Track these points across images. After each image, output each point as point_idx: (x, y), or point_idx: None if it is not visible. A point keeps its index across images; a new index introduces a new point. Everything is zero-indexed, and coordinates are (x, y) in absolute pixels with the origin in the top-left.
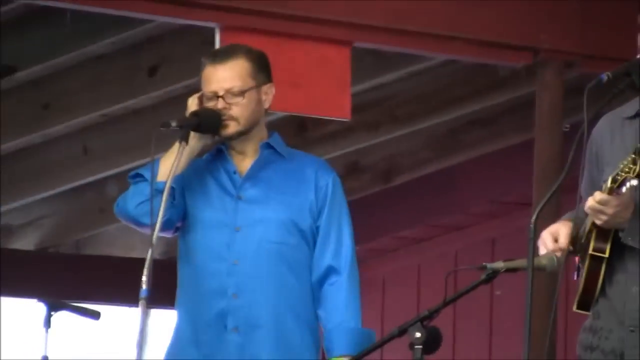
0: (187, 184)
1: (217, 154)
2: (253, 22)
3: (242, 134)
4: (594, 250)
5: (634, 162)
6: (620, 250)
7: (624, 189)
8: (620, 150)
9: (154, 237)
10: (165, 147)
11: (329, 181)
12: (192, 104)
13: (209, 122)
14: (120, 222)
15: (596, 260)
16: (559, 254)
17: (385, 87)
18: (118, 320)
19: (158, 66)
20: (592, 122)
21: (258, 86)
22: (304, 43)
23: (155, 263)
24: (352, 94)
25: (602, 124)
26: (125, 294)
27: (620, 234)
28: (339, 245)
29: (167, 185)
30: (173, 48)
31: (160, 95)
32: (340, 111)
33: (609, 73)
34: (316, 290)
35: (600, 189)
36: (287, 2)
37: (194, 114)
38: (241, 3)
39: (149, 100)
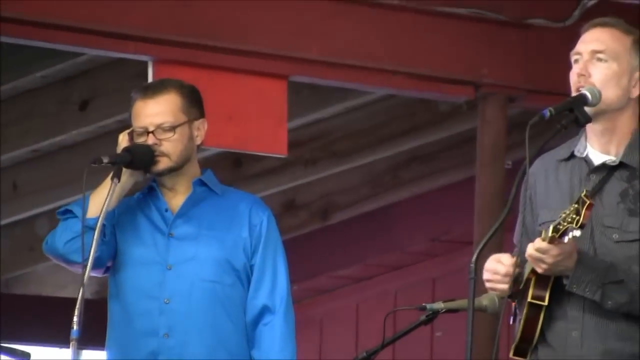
0: (117, 221)
1: (149, 191)
2: (187, 56)
3: (174, 170)
4: (533, 298)
5: (577, 212)
6: (559, 296)
7: (566, 239)
8: (555, 193)
9: (86, 275)
10: (97, 183)
11: (264, 219)
12: (123, 140)
13: (141, 158)
14: (51, 260)
15: (535, 308)
16: (501, 287)
17: (322, 122)
18: None
19: (89, 100)
20: (535, 159)
21: (190, 121)
22: (239, 77)
23: (86, 303)
24: (289, 129)
25: (536, 166)
26: (55, 335)
27: (565, 282)
28: (273, 285)
29: (99, 222)
30: (105, 82)
31: (91, 130)
32: (277, 147)
33: (551, 109)
34: (250, 331)
35: (534, 234)
36: (221, 35)
37: (126, 149)
38: (174, 36)
39: (80, 135)
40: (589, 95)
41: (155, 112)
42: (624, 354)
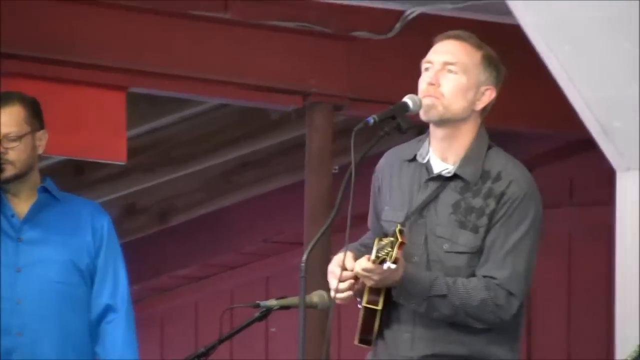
0: None
1: None
2: (31, 69)
3: (19, 177)
4: (367, 302)
5: (392, 246)
6: (394, 301)
7: (385, 267)
8: (397, 194)
9: None
10: None
11: (104, 223)
12: None
13: None
14: None
15: (370, 310)
16: (343, 285)
17: (160, 130)
18: None
19: None
20: (361, 164)
21: (33, 132)
22: (80, 88)
23: None
24: (128, 137)
25: (384, 161)
26: None
27: (393, 292)
28: (115, 285)
29: None
30: None
31: None
32: (117, 155)
33: (375, 116)
34: (94, 328)
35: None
36: (63, 48)
37: None
38: (19, 50)
39: None
40: (410, 103)
41: (2, 122)
42: (450, 356)
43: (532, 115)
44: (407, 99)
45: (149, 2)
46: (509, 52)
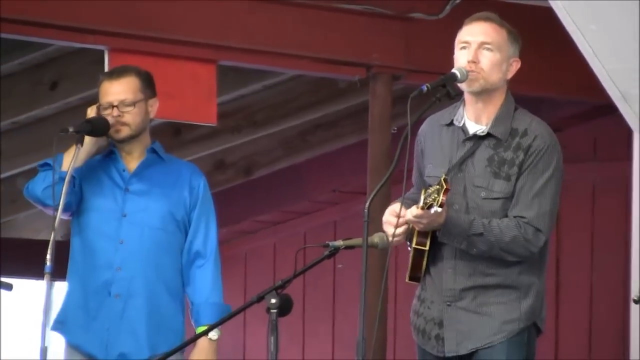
0: (84, 176)
1: (109, 154)
2: (136, 45)
3: (132, 138)
4: (416, 244)
5: (438, 193)
6: (439, 242)
7: (432, 211)
8: (438, 153)
9: (57, 220)
10: (66, 148)
11: (200, 183)
12: (91, 112)
13: (98, 127)
14: (28, 210)
15: (419, 251)
16: (399, 230)
17: (245, 97)
18: (28, 291)
19: (58, 82)
20: (415, 125)
21: (145, 99)
22: (177, 62)
23: (57, 244)
24: (218, 103)
25: (426, 127)
26: (33, 270)
27: (438, 234)
28: (206, 235)
29: (67, 176)
30: (70, 67)
31: (59, 106)
32: (208, 117)
33: (428, 84)
34: (185, 271)
35: (424, 183)
36: (162, 28)
37: (87, 121)
38: (125, 29)
39: (50, 110)
40: (458, 74)
41: (119, 90)
42: (487, 286)
43: (561, 83)
44: (456, 70)
45: None
46: (542, 30)
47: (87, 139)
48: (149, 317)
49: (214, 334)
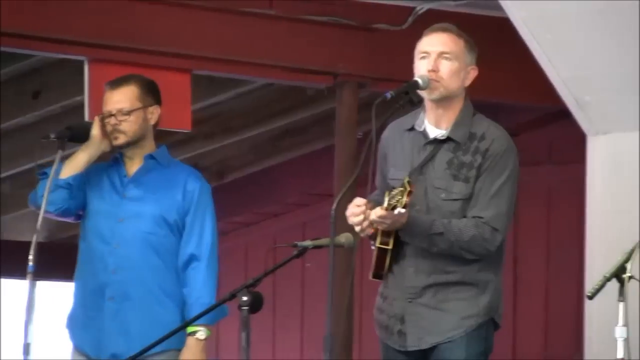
0: (88, 181)
1: (115, 160)
2: (114, 56)
3: (130, 144)
4: (380, 243)
5: (402, 194)
6: (402, 242)
7: (395, 212)
8: (400, 155)
9: (38, 223)
10: (49, 154)
11: (197, 187)
12: (96, 121)
13: (78, 134)
14: (14, 213)
15: (383, 250)
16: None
17: (218, 104)
18: (10, 289)
19: (40, 91)
20: (380, 130)
21: (145, 107)
22: (153, 71)
23: (39, 245)
24: (192, 110)
25: (388, 132)
26: (16, 269)
27: (400, 234)
28: (200, 238)
29: (49, 182)
30: (52, 77)
31: (41, 114)
32: (183, 124)
33: (392, 92)
34: (181, 273)
35: (387, 185)
36: (140, 39)
37: (67, 128)
38: (104, 41)
39: (33, 117)
40: (420, 81)
41: (117, 99)
42: (447, 283)
43: (518, 90)
44: (418, 78)
45: (208, 2)
46: (500, 40)
47: (92, 146)
48: (142, 319)
49: (201, 334)
